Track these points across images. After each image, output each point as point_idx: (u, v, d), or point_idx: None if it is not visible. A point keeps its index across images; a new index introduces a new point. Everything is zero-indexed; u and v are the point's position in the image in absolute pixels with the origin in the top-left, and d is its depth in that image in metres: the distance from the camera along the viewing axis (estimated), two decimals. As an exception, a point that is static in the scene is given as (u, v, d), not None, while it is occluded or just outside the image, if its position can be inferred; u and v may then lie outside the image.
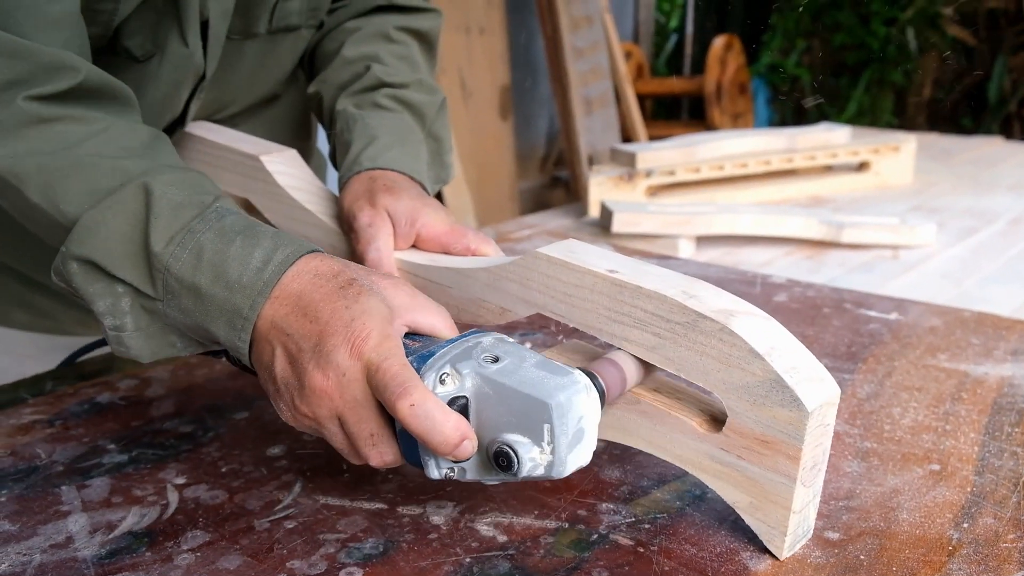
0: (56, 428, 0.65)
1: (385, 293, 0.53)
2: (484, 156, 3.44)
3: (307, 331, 0.50)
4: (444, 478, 0.50)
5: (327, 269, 0.53)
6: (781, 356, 0.48)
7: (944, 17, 4.50)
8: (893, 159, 1.74)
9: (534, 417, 0.46)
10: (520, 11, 3.70)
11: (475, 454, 0.48)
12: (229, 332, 0.53)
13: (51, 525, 0.53)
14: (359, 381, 0.49)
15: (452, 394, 0.48)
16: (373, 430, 0.50)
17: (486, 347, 0.50)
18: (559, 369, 0.48)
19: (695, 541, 0.52)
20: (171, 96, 0.73)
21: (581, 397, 0.47)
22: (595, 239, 1.27)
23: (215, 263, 0.52)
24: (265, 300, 0.52)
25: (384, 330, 0.50)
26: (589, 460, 0.48)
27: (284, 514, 0.55)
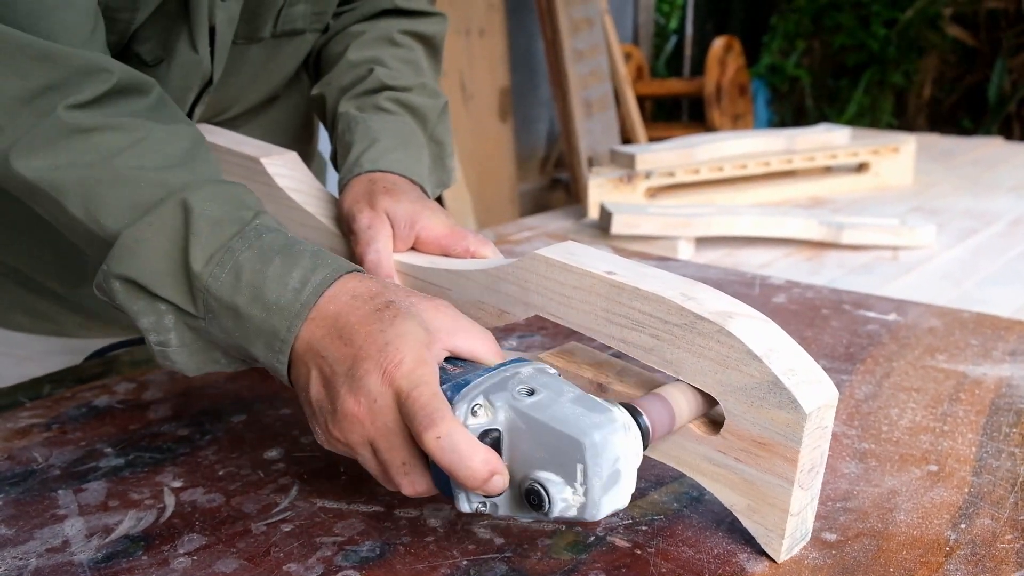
0: (53, 432, 0.65)
1: (424, 316, 0.51)
2: (484, 158, 3.45)
3: (342, 354, 0.49)
4: (475, 512, 0.48)
5: (365, 290, 0.52)
6: (779, 358, 0.47)
7: (944, 18, 4.50)
8: (893, 160, 1.74)
9: (567, 455, 0.44)
10: (520, 13, 3.71)
11: (508, 489, 0.46)
12: (267, 353, 0.52)
13: (47, 529, 0.53)
14: (390, 408, 0.48)
15: (484, 427, 0.46)
16: (405, 459, 0.48)
17: (523, 378, 0.48)
18: (597, 405, 0.46)
19: (692, 543, 0.52)
20: (179, 101, 0.73)
21: (618, 436, 0.44)
22: (595, 241, 1.28)
23: (253, 284, 0.52)
24: (302, 323, 0.51)
25: (419, 355, 0.48)
26: (626, 504, 0.46)
27: (281, 517, 0.55)
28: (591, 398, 0.47)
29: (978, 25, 4.51)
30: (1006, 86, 4.37)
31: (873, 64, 4.72)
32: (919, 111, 4.69)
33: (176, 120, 0.61)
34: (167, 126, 0.59)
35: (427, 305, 0.52)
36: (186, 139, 0.59)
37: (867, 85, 4.73)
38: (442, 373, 0.49)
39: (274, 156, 0.73)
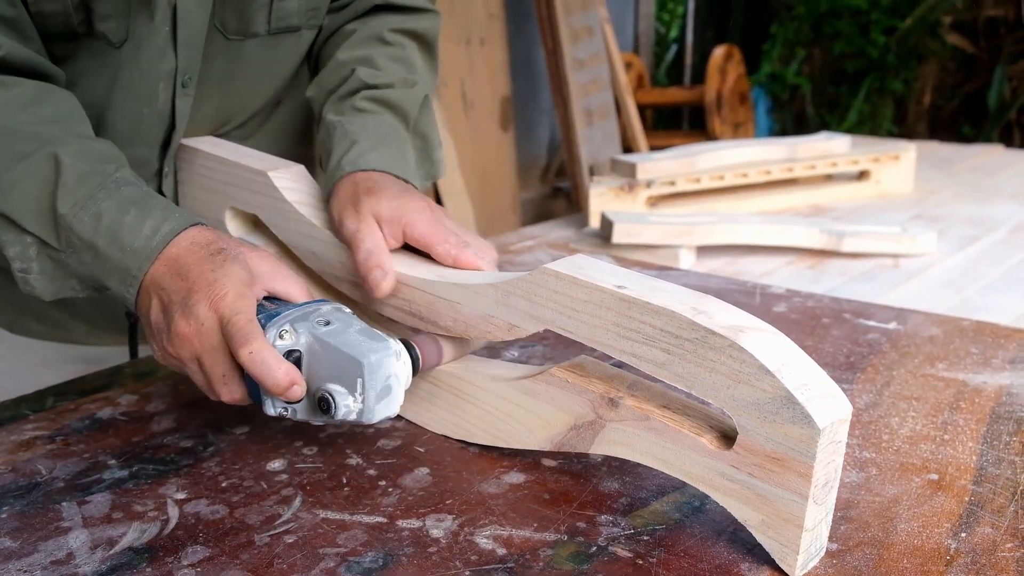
0: (57, 444, 0.66)
1: (249, 262, 0.62)
2: (485, 167, 3.45)
3: (178, 287, 0.60)
4: (278, 415, 0.60)
5: (203, 238, 0.63)
6: (792, 373, 0.47)
7: (943, 25, 4.51)
8: (893, 168, 1.74)
9: (350, 372, 0.56)
10: (520, 23, 3.72)
11: (305, 399, 0.58)
12: (120, 286, 0.63)
13: (52, 541, 0.53)
14: (215, 330, 0.58)
15: (288, 347, 0.58)
16: (224, 371, 0.59)
17: (323, 313, 0.60)
18: (377, 336, 0.58)
19: (694, 553, 0.52)
20: (147, 87, 0.73)
21: (391, 360, 0.57)
22: (596, 250, 1.28)
23: (112, 228, 0.62)
24: (151, 264, 0.62)
25: (240, 291, 0.59)
26: (395, 412, 0.58)
27: (284, 528, 0.55)
28: (373, 331, 0.59)
29: (977, 32, 4.52)
30: (1006, 93, 4.38)
31: (873, 71, 4.73)
32: (919, 118, 4.70)
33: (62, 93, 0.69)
34: (41, 85, 0.67)
35: (252, 254, 0.63)
36: (60, 100, 0.68)
37: (867, 92, 4.73)
38: (261, 308, 0.60)
39: (281, 169, 0.73)
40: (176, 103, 0.76)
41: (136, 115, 0.74)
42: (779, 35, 5.09)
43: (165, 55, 0.72)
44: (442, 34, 2.09)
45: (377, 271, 0.65)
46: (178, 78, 0.74)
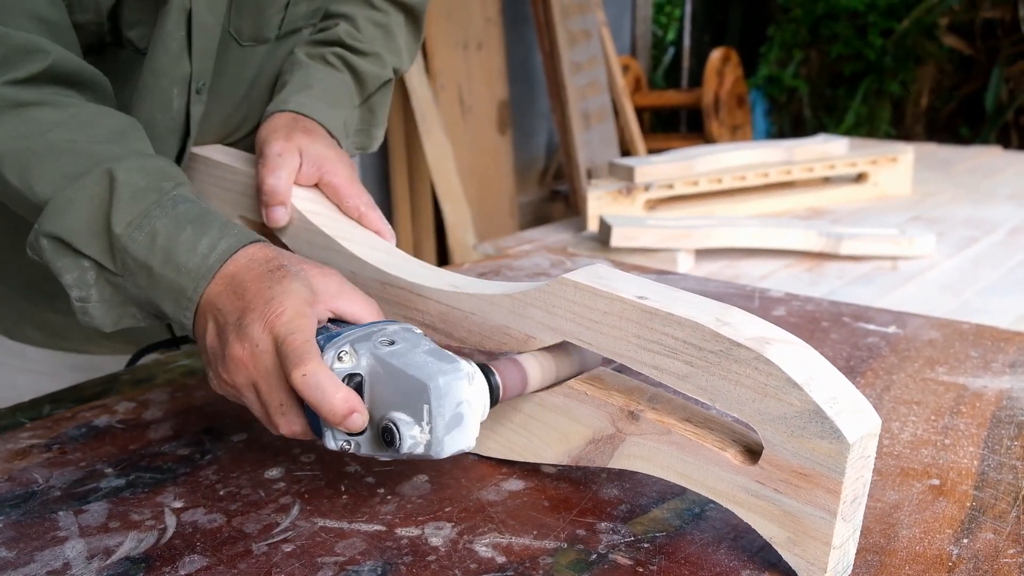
0: (54, 452, 0.65)
1: (311, 279, 0.58)
2: (483, 170, 3.45)
3: (234, 307, 0.56)
4: (340, 449, 0.54)
5: (262, 256, 0.59)
6: (819, 386, 0.46)
7: (940, 27, 4.52)
8: (891, 170, 1.74)
9: (416, 397, 0.51)
10: (518, 27, 3.72)
11: (368, 429, 0.53)
12: (175, 309, 0.59)
13: (48, 551, 0.53)
14: (270, 353, 0.54)
15: (347, 371, 0.53)
16: (282, 400, 0.54)
17: (387, 333, 0.55)
18: (446, 356, 0.52)
19: (695, 560, 0.52)
20: (161, 93, 0.73)
21: (462, 383, 0.51)
22: (593, 253, 1.28)
23: (167, 248, 0.59)
24: (207, 284, 0.58)
25: (299, 310, 0.55)
26: (471, 446, 0.52)
27: (282, 537, 0.54)
28: (444, 352, 0.53)
29: (974, 34, 4.53)
30: (1003, 95, 4.39)
31: (870, 74, 4.74)
32: (917, 120, 4.70)
33: (110, 106, 0.67)
34: (99, 107, 0.65)
35: (316, 271, 0.59)
36: (116, 120, 0.65)
37: (865, 95, 4.74)
38: (323, 330, 0.56)
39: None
40: (191, 110, 0.76)
41: (151, 122, 0.74)
42: (776, 38, 5.10)
43: (180, 61, 0.72)
44: (440, 38, 2.09)
45: (280, 209, 0.69)
46: (192, 84, 0.74)
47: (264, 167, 0.71)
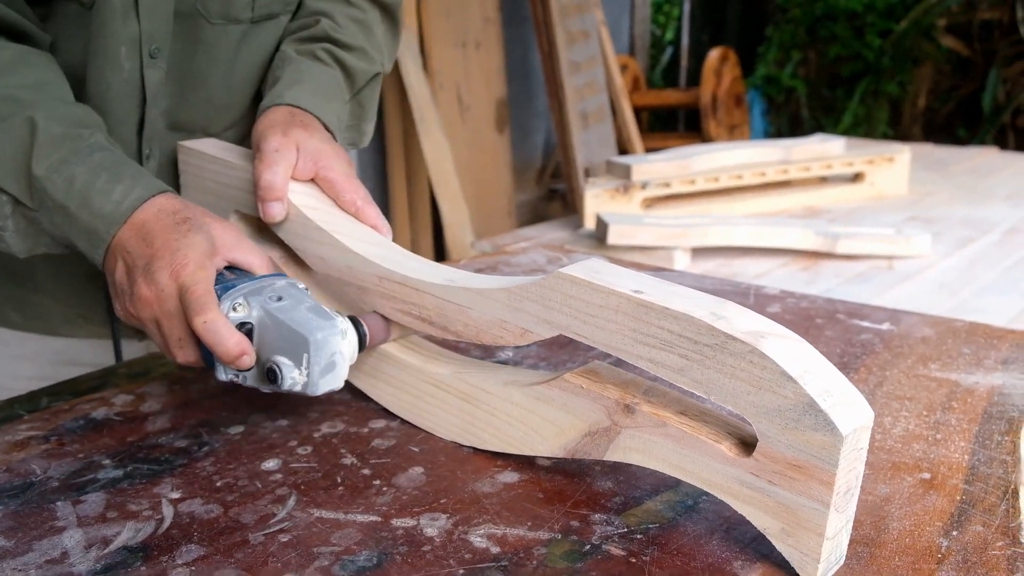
0: (51, 444, 0.66)
1: (212, 232, 0.65)
2: (481, 169, 3.46)
3: (143, 252, 0.63)
4: (228, 381, 0.63)
5: (170, 206, 0.65)
6: (814, 379, 0.46)
7: (938, 28, 4.53)
8: (888, 170, 1.74)
9: (298, 346, 0.60)
10: (516, 26, 3.72)
11: (255, 368, 0.62)
12: (88, 247, 0.66)
13: (46, 541, 0.53)
14: (173, 298, 0.62)
15: (240, 319, 0.62)
16: (181, 336, 0.63)
17: (276, 288, 0.63)
18: (325, 313, 0.61)
19: (687, 551, 0.52)
20: (110, 52, 0.73)
21: (336, 338, 0.60)
22: (590, 251, 1.28)
23: (83, 193, 0.65)
24: (119, 228, 0.65)
25: (201, 262, 0.62)
26: (340, 386, 0.62)
27: (278, 527, 0.55)
28: (323, 308, 0.62)
29: (972, 35, 4.53)
30: (1000, 96, 4.39)
31: (868, 74, 4.75)
32: (914, 121, 4.71)
33: (44, 59, 0.70)
34: (22, 48, 0.69)
35: (217, 224, 0.66)
36: (41, 68, 0.69)
37: (862, 95, 4.75)
38: (220, 278, 0.63)
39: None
40: (144, 74, 0.76)
41: (104, 82, 0.75)
42: (774, 38, 5.10)
43: (127, 20, 0.73)
44: (438, 37, 2.10)
45: (277, 204, 0.71)
46: (143, 46, 0.75)
47: (261, 162, 0.72)
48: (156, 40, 0.75)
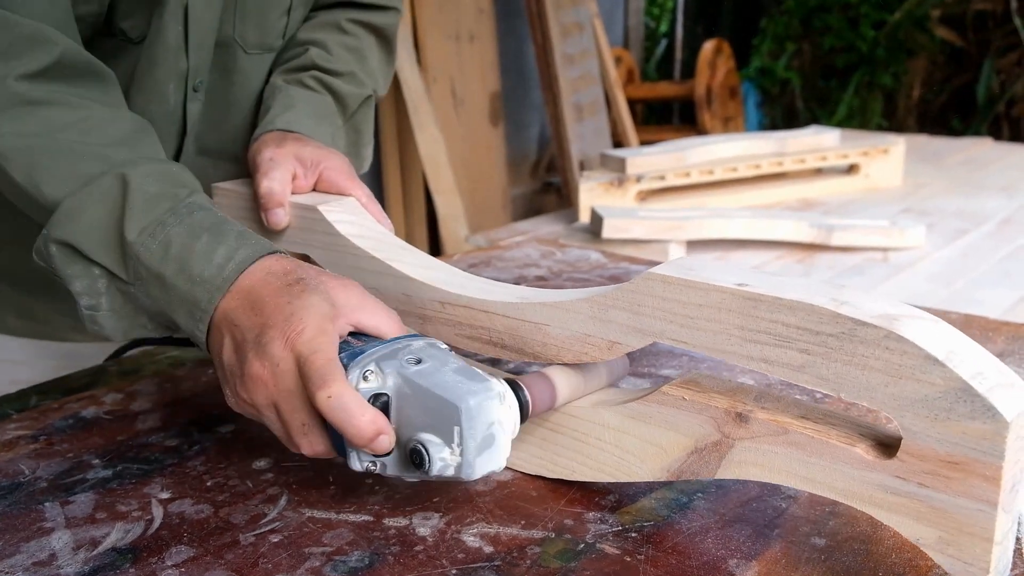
0: (40, 443, 0.65)
1: (331, 293, 0.56)
2: (475, 163, 3.45)
3: (252, 323, 0.54)
4: (365, 471, 0.53)
5: (279, 268, 0.57)
6: (963, 361, 0.41)
7: (932, 19, 4.52)
8: (882, 161, 1.74)
9: (446, 418, 0.49)
10: (510, 18, 3.71)
11: (395, 451, 0.51)
12: (188, 321, 0.57)
13: (34, 542, 0.53)
14: (291, 372, 0.52)
15: (373, 391, 0.51)
16: (304, 420, 0.53)
17: (413, 350, 0.53)
18: (476, 376, 0.51)
19: (682, 550, 0.52)
20: (157, 85, 0.73)
21: (493, 404, 0.50)
22: (585, 245, 1.27)
23: (181, 257, 0.57)
24: (222, 296, 0.56)
25: (320, 326, 0.53)
26: (502, 467, 0.51)
27: (270, 528, 0.54)
28: (473, 370, 0.52)
29: (966, 26, 4.53)
30: (994, 86, 4.39)
31: (862, 66, 4.74)
32: (909, 112, 4.71)
33: (121, 107, 0.65)
34: (111, 109, 0.63)
35: (335, 283, 0.57)
36: (129, 122, 0.63)
37: (857, 87, 4.75)
38: (345, 345, 0.54)
39: (332, 203, 0.69)
40: (187, 107, 0.76)
41: (145, 114, 0.73)
42: (769, 29, 5.10)
43: (177, 55, 0.72)
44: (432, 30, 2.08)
45: (279, 211, 0.69)
46: (189, 81, 0.74)
47: (258, 172, 0.70)
48: (200, 74, 0.75)
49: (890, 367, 0.42)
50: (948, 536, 0.43)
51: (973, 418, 0.40)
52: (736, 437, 0.49)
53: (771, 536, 0.52)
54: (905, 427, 0.43)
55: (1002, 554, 0.43)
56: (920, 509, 0.43)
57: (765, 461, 0.48)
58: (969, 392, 0.40)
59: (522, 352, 0.58)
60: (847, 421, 0.47)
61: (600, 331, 0.53)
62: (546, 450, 0.58)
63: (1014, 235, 1.46)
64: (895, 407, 0.43)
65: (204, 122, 0.80)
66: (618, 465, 0.55)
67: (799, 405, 0.49)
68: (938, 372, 0.41)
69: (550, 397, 0.55)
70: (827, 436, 0.46)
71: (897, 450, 0.43)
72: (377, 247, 0.66)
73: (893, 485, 0.44)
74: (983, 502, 0.41)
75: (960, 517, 0.42)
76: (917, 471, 0.43)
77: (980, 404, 0.40)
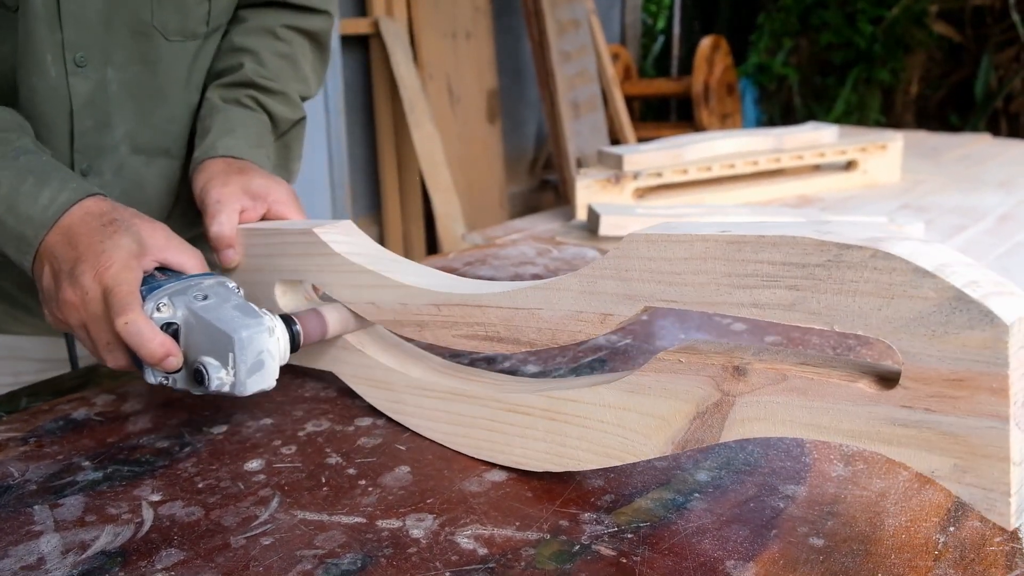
0: (30, 446, 0.64)
1: (141, 233, 0.64)
2: (472, 161, 3.44)
3: (68, 256, 0.63)
4: (158, 384, 0.62)
5: (97, 209, 0.65)
6: (955, 271, 0.39)
7: (930, 15, 4.52)
8: (880, 157, 1.73)
9: (223, 346, 0.58)
10: (506, 16, 3.70)
11: (183, 369, 0.61)
12: (16, 254, 0.66)
13: (23, 546, 0.52)
14: (98, 300, 0.61)
15: (165, 319, 0.60)
16: (109, 339, 0.62)
17: (203, 287, 0.62)
18: (252, 311, 0.60)
19: (678, 551, 0.51)
20: (35, 57, 0.73)
21: (263, 335, 0.59)
22: (582, 242, 1.27)
23: (10, 197, 0.65)
24: (47, 232, 0.64)
25: (126, 262, 0.61)
26: (271, 386, 0.60)
27: (261, 530, 0.54)
28: (250, 306, 0.61)
29: (964, 22, 4.52)
30: (992, 82, 4.39)
31: (860, 62, 4.73)
32: (907, 108, 4.70)
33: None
34: None
35: (145, 225, 0.65)
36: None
37: (854, 83, 4.74)
38: (149, 279, 0.63)
39: (327, 225, 0.69)
40: (70, 81, 0.75)
41: (31, 87, 0.74)
42: (766, 26, 5.09)
43: (52, 26, 0.72)
44: (428, 28, 2.06)
45: (229, 251, 0.73)
46: (67, 53, 0.74)
47: (207, 216, 0.74)
48: (82, 48, 0.74)
49: (880, 288, 0.40)
50: (963, 462, 0.40)
51: (971, 327, 0.38)
52: (736, 393, 0.48)
53: (769, 537, 0.52)
54: (904, 350, 0.40)
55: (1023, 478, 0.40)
56: (930, 438, 0.41)
57: (767, 414, 0.47)
58: (963, 300, 0.38)
59: (518, 342, 0.58)
60: (846, 362, 0.46)
61: (591, 305, 0.53)
62: (551, 443, 0.57)
63: (1012, 231, 1.45)
64: (891, 331, 0.41)
65: (134, 118, 0.81)
66: (623, 446, 0.54)
67: (797, 354, 0.47)
68: (929, 284, 0.39)
69: (320, 328, 0.65)
70: (827, 377, 0.44)
71: (898, 380, 0.41)
72: (372, 262, 0.66)
73: (900, 416, 0.42)
74: (994, 418, 0.39)
75: (972, 439, 0.40)
76: (922, 396, 0.41)
77: (977, 311, 0.38)
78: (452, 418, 0.63)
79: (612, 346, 0.81)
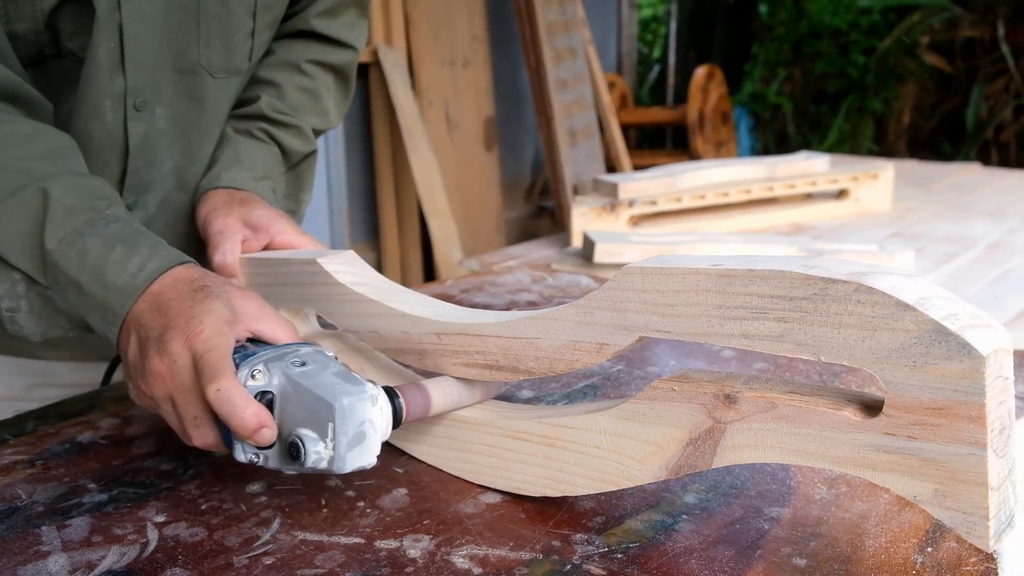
0: (37, 468, 0.66)
1: (232, 301, 0.61)
2: (470, 187, 3.47)
3: (156, 323, 0.59)
4: (248, 462, 0.57)
5: (187, 276, 0.62)
6: (934, 305, 0.41)
7: (921, 46, 4.58)
8: (872, 186, 1.76)
9: (321, 415, 0.54)
10: (504, 44, 3.75)
11: (276, 445, 0.56)
12: (102, 324, 0.62)
13: (31, 566, 0.54)
14: (188, 368, 0.57)
15: (259, 388, 0.56)
16: (197, 413, 0.57)
17: (301, 354, 0.58)
18: (353, 379, 0.55)
19: (667, 571, 0.53)
20: (94, 104, 0.73)
21: (366, 404, 0.54)
22: (577, 269, 1.29)
23: (97, 266, 0.61)
24: (134, 302, 0.61)
25: (218, 328, 0.58)
26: (372, 462, 0.55)
27: (263, 550, 0.55)
28: (352, 374, 0.56)
29: (954, 53, 4.58)
30: (983, 112, 4.44)
31: (853, 91, 4.79)
32: (899, 137, 4.75)
33: (47, 125, 0.69)
34: (36, 124, 0.67)
35: (237, 293, 0.62)
36: (52, 138, 0.67)
37: (847, 112, 4.79)
38: (240, 348, 0.58)
39: (330, 256, 0.70)
40: (128, 126, 0.76)
41: (86, 132, 0.74)
42: (760, 55, 5.15)
43: (112, 73, 0.73)
44: (426, 55, 2.09)
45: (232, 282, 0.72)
46: (128, 99, 0.75)
47: (210, 246, 0.75)
48: (143, 94, 0.75)
49: (864, 320, 0.42)
50: (943, 487, 0.42)
51: (950, 358, 0.40)
52: (727, 420, 0.50)
53: (754, 557, 0.54)
54: (887, 380, 0.43)
55: (1001, 503, 0.42)
56: (912, 464, 0.43)
57: (757, 441, 0.49)
58: (942, 332, 0.40)
59: (516, 370, 0.59)
60: (833, 390, 0.48)
61: (588, 335, 0.54)
62: (549, 468, 0.59)
63: (1002, 259, 1.48)
64: (874, 361, 0.43)
65: (181, 154, 0.81)
66: (619, 471, 0.55)
67: (786, 382, 0.50)
68: (910, 317, 0.41)
69: (424, 404, 0.60)
70: (814, 405, 0.46)
71: (881, 408, 0.43)
72: (374, 291, 0.67)
73: (883, 443, 0.44)
74: (972, 445, 0.41)
75: (952, 465, 0.42)
76: (904, 423, 0.43)
77: (954, 342, 0.40)
78: (453, 444, 0.65)
79: (604, 372, 0.83)
